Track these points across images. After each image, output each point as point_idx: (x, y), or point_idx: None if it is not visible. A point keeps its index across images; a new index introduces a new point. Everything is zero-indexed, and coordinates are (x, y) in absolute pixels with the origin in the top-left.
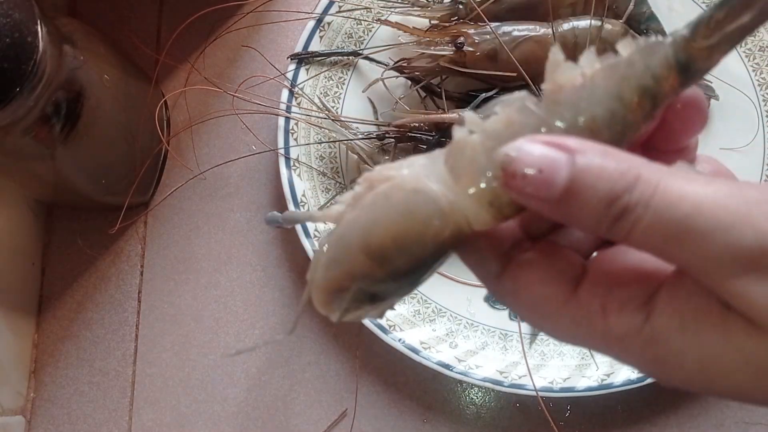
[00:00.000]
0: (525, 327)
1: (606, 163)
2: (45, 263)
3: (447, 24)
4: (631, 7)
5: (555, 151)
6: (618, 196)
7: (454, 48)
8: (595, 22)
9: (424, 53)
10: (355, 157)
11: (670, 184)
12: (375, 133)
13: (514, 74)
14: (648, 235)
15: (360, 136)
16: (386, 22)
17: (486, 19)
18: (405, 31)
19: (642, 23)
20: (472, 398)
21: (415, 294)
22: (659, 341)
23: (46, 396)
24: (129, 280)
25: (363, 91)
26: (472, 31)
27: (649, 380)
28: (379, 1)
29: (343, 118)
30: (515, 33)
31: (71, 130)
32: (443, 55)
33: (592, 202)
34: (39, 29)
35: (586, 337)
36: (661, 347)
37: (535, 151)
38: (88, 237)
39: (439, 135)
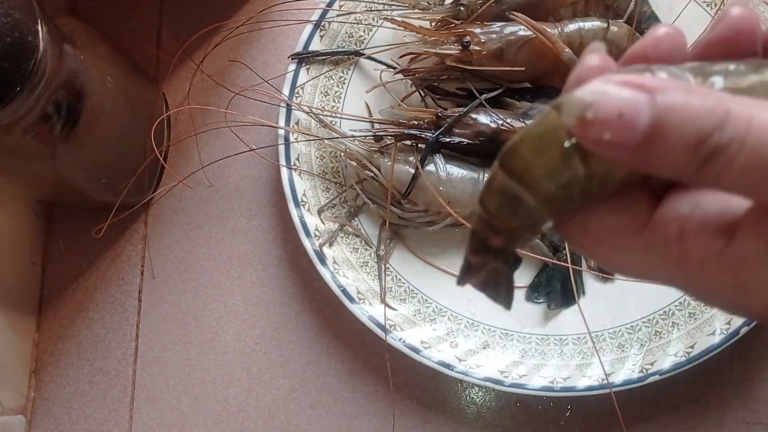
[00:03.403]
0: (599, 324)
1: (691, 99)
2: (45, 262)
3: (451, 24)
4: (632, 6)
5: (634, 92)
6: (707, 135)
7: (460, 47)
8: (601, 23)
9: (429, 52)
10: (354, 163)
11: (766, 117)
12: (372, 132)
13: (522, 68)
14: (743, 176)
15: (357, 134)
16: (393, 20)
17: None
18: (411, 30)
19: (643, 22)
20: (473, 398)
21: (416, 293)
22: (742, 266)
23: (46, 395)
24: (129, 280)
25: (367, 92)
26: (478, 30)
27: (650, 380)
28: (380, 3)
29: (338, 128)
30: (521, 32)
31: (72, 130)
32: (450, 54)
33: (678, 144)
34: (39, 29)
35: (659, 265)
36: (742, 272)
37: (611, 92)
38: (88, 236)
39: (439, 133)
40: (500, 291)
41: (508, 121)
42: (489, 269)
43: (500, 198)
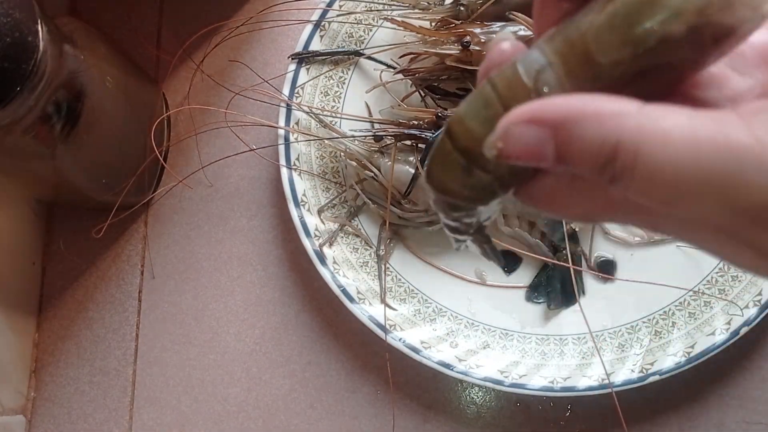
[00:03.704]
0: (599, 324)
1: (584, 132)
2: (46, 262)
3: (451, 24)
4: None
5: (536, 130)
6: (603, 166)
7: (460, 47)
8: None
9: (429, 52)
10: (354, 163)
11: (651, 148)
12: (372, 132)
13: None
14: (642, 197)
15: (357, 134)
16: (393, 20)
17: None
18: (411, 30)
19: None
20: (473, 398)
21: (416, 293)
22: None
23: (46, 395)
24: (129, 280)
25: (367, 92)
26: (478, 30)
27: (650, 380)
28: (380, 3)
29: (338, 128)
30: (521, 32)
31: (72, 130)
32: (450, 54)
33: (584, 167)
34: (39, 29)
35: (595, 211)
36: (660, 223)
37: (516, 135)
38: (88, 236)
39: (438, 133)
40: (488, 254)
41: None
42: (471, 240)
43: (441, 204)
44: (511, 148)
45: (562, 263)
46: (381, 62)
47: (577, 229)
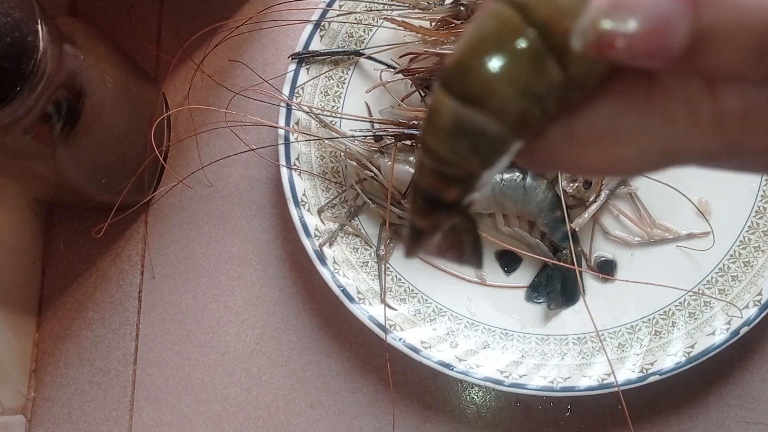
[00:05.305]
0: (599, 324)
1: None
2: (46, 262)
3: (451, 24)
4: None
5: (666, 1)
6: None
7: None
8: None
9: (429, 52)
10: (354, 163)
11: None
12: (372, 132)
13: None
14: None
15: (357, 134)
16: (393, 20)
17: None
18: (411, 30)
19: None
20: (473, 398)
21: (416, 293)
22: None
23: (46, 395)
24: (129, 280)
25: (367, 92)
26: None
27: (649, 380)
28: (380, 3)
29: (338, 128)
30: None
31: (72, 130)
32: (450, 54)
33: (730, 55)
34: (39, 28)
35: (688, 135)
36: None
37: (635, 11)
38: (88, 236)
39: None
40: (464, 250)
41: None
42: (445, 230)
43: (454, 136)
44: (624, 24)
45: (562, 263)
46: (381, 62)
47: (576, 229)
